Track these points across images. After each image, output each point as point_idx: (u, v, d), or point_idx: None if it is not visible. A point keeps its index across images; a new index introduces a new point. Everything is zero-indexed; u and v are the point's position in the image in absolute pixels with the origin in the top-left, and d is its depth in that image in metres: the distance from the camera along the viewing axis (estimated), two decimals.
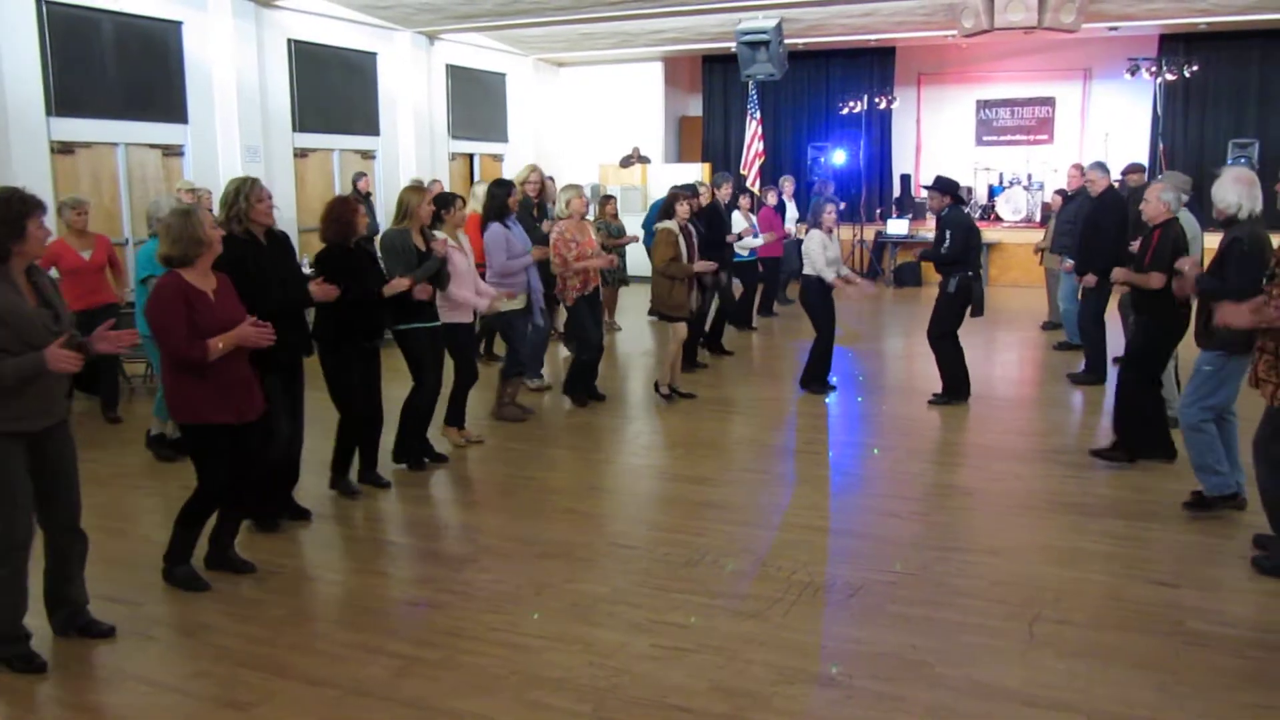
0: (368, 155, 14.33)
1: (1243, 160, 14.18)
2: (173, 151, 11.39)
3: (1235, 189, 5.17)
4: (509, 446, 7.17)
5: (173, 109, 11.31)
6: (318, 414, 6.05)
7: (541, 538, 5.40)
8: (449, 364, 6.69)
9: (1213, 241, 5.74)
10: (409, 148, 14.77)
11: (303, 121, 12.98)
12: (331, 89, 13.54)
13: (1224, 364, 5.15)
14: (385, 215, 12.51)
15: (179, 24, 11.25)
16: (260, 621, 4.39)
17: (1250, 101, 16.07)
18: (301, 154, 13.08)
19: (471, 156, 16.67)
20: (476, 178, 16.26)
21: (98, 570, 4.45)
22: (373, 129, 14.37)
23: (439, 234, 6.54)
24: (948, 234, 7.84)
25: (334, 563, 5.20)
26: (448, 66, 15.68)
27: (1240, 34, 15.24)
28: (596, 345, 8.17)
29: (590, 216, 8.94)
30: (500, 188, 7.48)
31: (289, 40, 12.68)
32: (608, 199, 11.40)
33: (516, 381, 7.82)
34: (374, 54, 14.26)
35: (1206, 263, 5.58)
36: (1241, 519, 5.38)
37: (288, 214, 11.82)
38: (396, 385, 6.58)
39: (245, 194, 5.03)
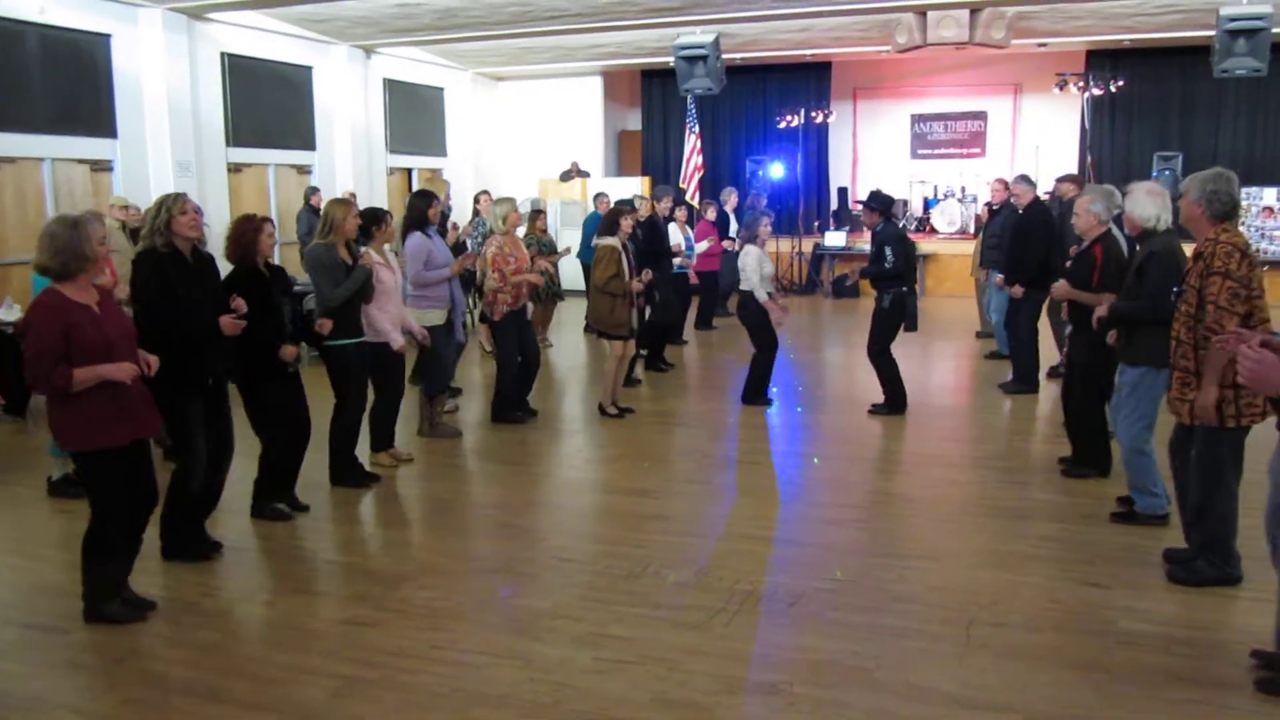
0: (304, 170, 14.17)
1: (1167, 173, 14.62)
2: (101, 167, 11.15)
3: (1151, 201, 5.30)
4: (444, 464, 7.11)
5: (101, 123, 11.08)
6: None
7: (480, 554, 5.36)
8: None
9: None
10: (346, 162, 14.62)
11: (237, 136, 12.80)
12: (266, 103, 13.37)
13: (1153, 380, 5.21)
14: None
15: (107, 37, 11.03)
16: (192, 646, 4.30)
17: (1173, 115, 16.57)
18: (236, 169, 12.90)
19: (410, 171, 16.56)
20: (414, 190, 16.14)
21: (23, 598, 4.33)
22: (309, 144, 14.22)
23: (368, 250, 6.46)
24: (887, 250, 7.92)
25: (267, 585, 5.09)
26: (385, 80, 15.57)
27: (1163, 50, 15.71)
28: (528, 361, 8.04)
29: (520, 232, 8.87)
30: (421, 199, 7.45)
31: (222, 54, 12.51)
32: (538, 214, 11.36)
33: (442, 399, 7.70)
34: (310, 68, 14.12)
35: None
36: (1168, 528, 5.49)
37: (221, 230, 11.62)
38: (320, 404, 6.49)
39: (168, 206, 4.88)
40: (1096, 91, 15.72)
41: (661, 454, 7.37)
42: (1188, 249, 4.82)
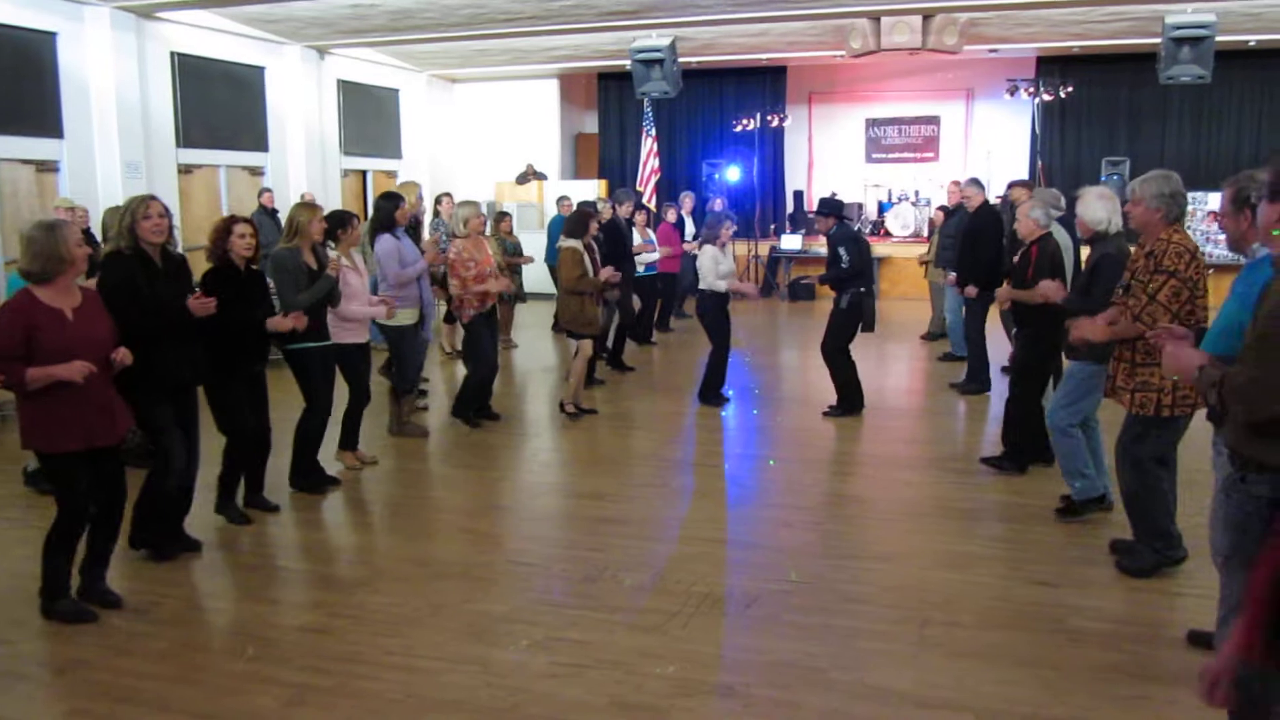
0: (256, 172, 14.01)
1: (1115, 177, 14.88)
2: (47, 167, 10.93)
3: (1102, 205, 5.41)
4: (404, 467, 7.07)
5: (47, 123, 10.87)
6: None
7: (438, 558, 5.33)
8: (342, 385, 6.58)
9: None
10: (299, 164, 14.47)
11: (187, 137, 12.63)
12: (218, 103, 13.20)
13: (1092, 372, 5.35)
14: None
15: (53, 35, 10.83)
16: (141, 655, 4.23)
17: (1121, 121, 16.89)
18: (186, 170, 12.72)
19: (365, 173, 16.43)
20: (369, 195, 16.05)
21: None
22: (261, 145, 14.05)
23: (333, 253, 6.44)
24: (842, 251, 8.02)
25: (221, 591, 5.04)
26: (339, 82, 15.44)
27: (1111, 57, 16.00)
28: (492, 365, 8.09)
29: (486, 233, 8.86)
30: (388, 200, 7.44)
31: (172, 53, 12.33)
32: (503, 216, 11.35)
33: (411, 398, 7.70)
34: (262, 68, 13.96)
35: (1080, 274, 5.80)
36: (1111, 519, 5.61)
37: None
38: (287, 408, 6.44)
39: (133, 210, 4.88)
40: (1046, 97, 15.96)
41: (619, 457, 7.39)
42: (1133, 249, 4.93)
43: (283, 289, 6.03)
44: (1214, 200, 13.97)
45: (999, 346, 9.22)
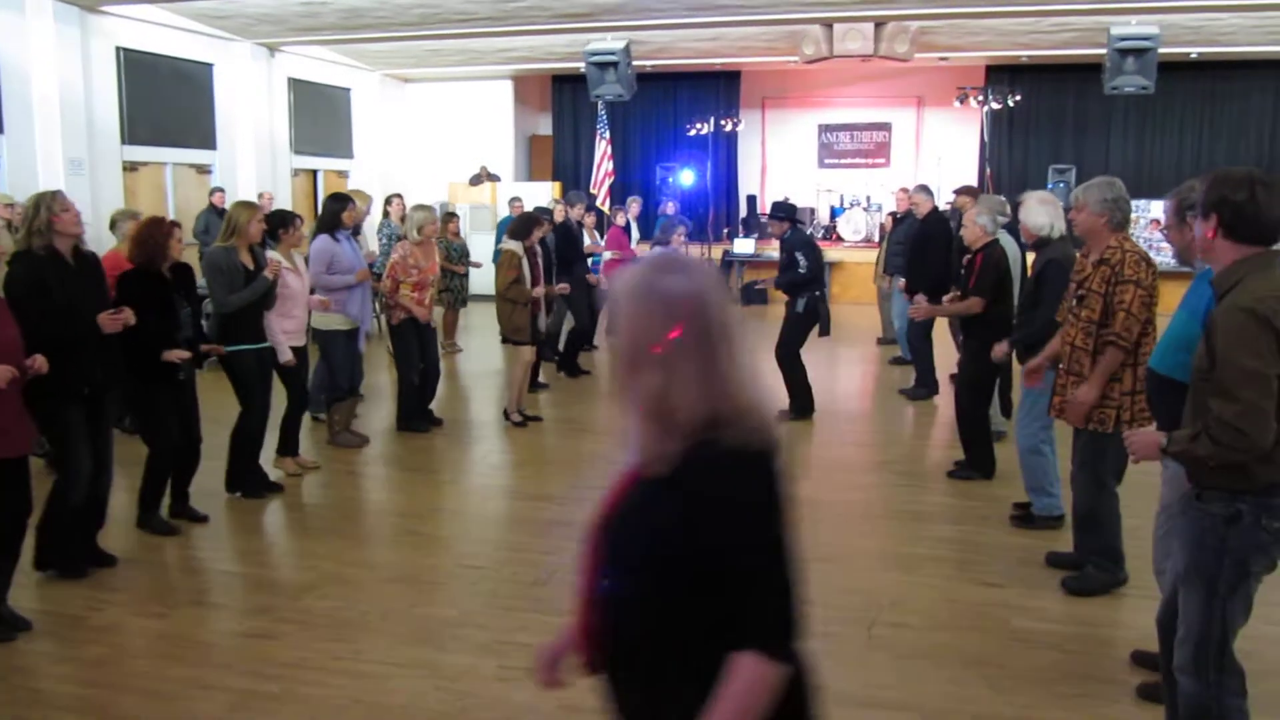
0: (204, 170, 13.81)
1: (1061, 185, 15.14)
2: None
3: (1043, 210, 5.44)
4: (349, 471, 6.98)
5: None
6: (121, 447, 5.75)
7: (385, 562, 5.28)
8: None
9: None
10: (249, 162, 14.29)
11: (133, 133, 12.41)
12: (164, 100, 12.99)
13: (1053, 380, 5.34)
14: None
15: None
16: (80, 662, 4.15)
17: (1067, 130, 17.21)
18: (131, 167, 12.50)
19: (315, 173, 16.26)
20: (320, 195, 15.89)
21: None
22: (209, 143, 13.86)
23: (273, 254, 6.32)
24: (799, 255, 8.04)
25: (161, 597, 4.91)
26: (290, 80, 15.27)
27: (1058, 67, 16.29)
28: (424, 371, 7.86)
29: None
30: (336, 202, 7.30)
31: (117, 48, 12.12)
32: (450, 217, 11.23)
33: (344, 406, 7.45)
34: (210, 65, 13.77)
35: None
36: (1061, 531, 5.66)
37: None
38: (223, 409, 6.34)
39: (47, 204, 4.70)
40: (995, 106, 16.21)
41: (569, 460, 7.37)
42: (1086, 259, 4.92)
43: (215, 289, 5.90)
44: (1156, 209, 14.26)
45: (947, 351, 9.32)
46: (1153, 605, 4.05)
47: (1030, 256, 5.86)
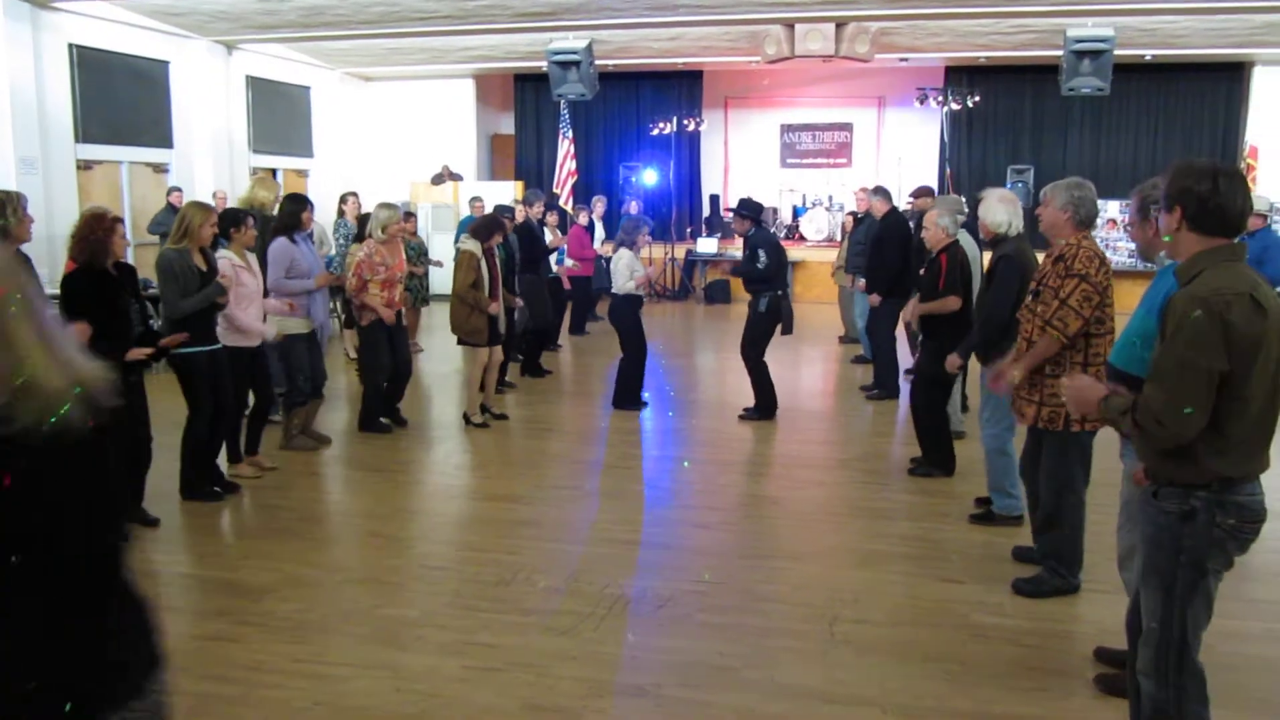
0: (160, 168, 13.63)
1: (1019, 184, 15.33)
2: None
3: (1002, 208, 5.52)
4: (309, 473, 6.93)
5: None
6: None
7: (347, 564, 5.25)
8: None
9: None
10: (206, 161, 14.13)
11: (86, 132, 12.23)
12: (119, 98, 12.81)
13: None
14: None
15: None
16: None
17: (1025, 130, 17.43)
18: (86, 166, 12.31)
19: (275, 171, 16.09)
20: (281, 194, 15.71)
21: None
22: (165, 141, 13.68)
23: (228, 253, 6.24)
24: (760, 252, 8.08)
25: None
26: (248, 78, 15.11)
27: (1016, 68, 16.50)
28: (399, 371, 7.84)
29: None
30: (294, 203, 7.22)
31: (70, 45, 11.93)
32: (408, 216, 11.15)
33: (302, 410, 7.36)
34: (166, 62, 13.60)
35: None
36: (1022, 529, 5.73)
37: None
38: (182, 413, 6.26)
39: (13, 208, 4.63)
40: (955, 106, 16.40)
41: (532, 460, 7.35)
42: (1040, 255, 4.95)
43: (166, 292, 5.81)
44: (1113, 208, 14.50)
45: (905, 350, 9.43)
46: (1112, 601, 4.14)
47: (988, 255, 5.93)
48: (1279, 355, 2.75)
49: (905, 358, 9.49)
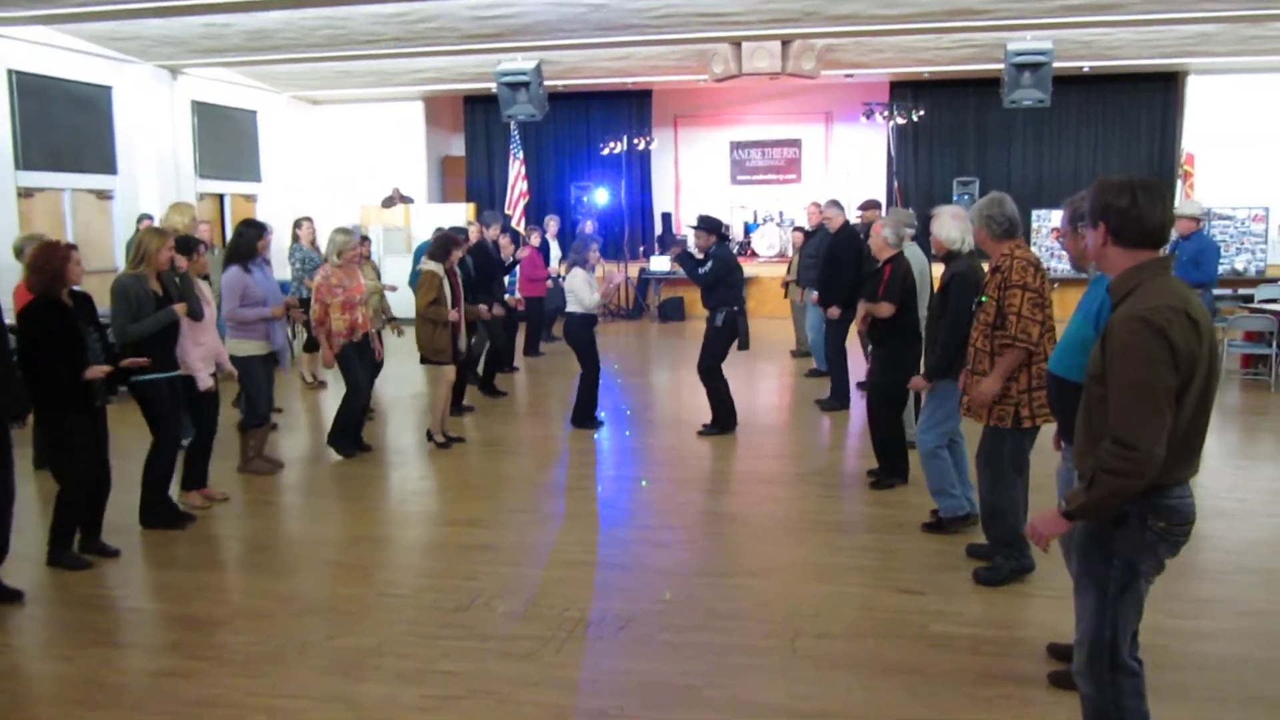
0: (104, 195, 13.41)
1: (965, 197, 15.54)
2: None
3: (955, 225, 5.61)
4: (264, 500, 6.82)
5: None
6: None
7: (302, 593, 5.16)
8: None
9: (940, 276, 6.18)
10: (151, 187, 13.91)
11: (27, 159, 12.00)
12: (61, 124, 12.60)
13: (953, 390, 5.46)
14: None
15: None
16: None
17: (970, 143, 17.66)
18: (26, 194, 12.07)
19: (222, 197, 15.90)
20: (228, 219, 15.55)
21: None
22: (109, 167, 13.47)
23: (204, 286, 6.20)
24: (711, 262, 8.17)
25: (65, 638, 4.72)
26: (193, 102, 14.93)
27: (959, 82, 16.73)
28: (366, 392, 7.83)
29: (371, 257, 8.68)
30: (249, 228, 7.15)
31: (9, 70, 11.72)
32: (362, 240, 11.08)
33: (260, 433, 7.30)
34: (108, 87, 13.41)
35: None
36: (974, 529, 5.80)
37: (7, 259, 10.87)
38: (137, 443, 6.14)
39: None
40: (900, 120, 16.60)
41: (490, 483, 7.30)
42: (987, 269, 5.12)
43: (116, 317, 5.73)
44: (1057, 217, 14.74)
45: (859, 363, 9.48)
46: (1066, 603, 4.17)
47: (938, 269, 6.03)
48: (1207, 367, 2.80)
49: (857, 369, 9.55)
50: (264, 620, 4.79)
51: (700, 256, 8.37)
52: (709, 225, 8.33)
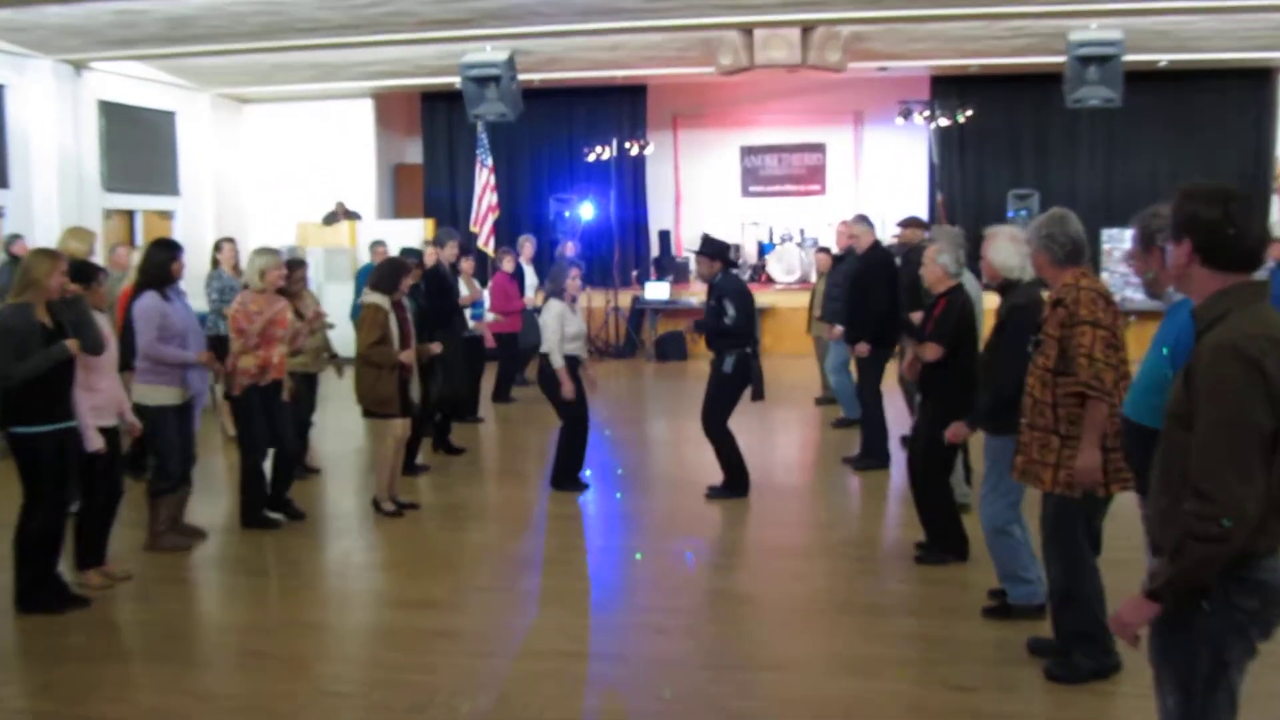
0: None
1: (1024, 212, 15.59)
2: None
3: (1014, 249, 5.53)
4: (175, 579, 6.76)
5: None
6: None
7: (223, 692, 5.11)
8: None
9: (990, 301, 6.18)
10: (50, 201, 14.00)
11: None
12: None
13: (1011, 449, 5.33)
14: None
15: None
16: None
17: (1027, 149, 17.75)
18: None
19: (133, 214, 15.96)
20: (139, 239, 15.57)
21: None
22: (0, 180, 13.52)
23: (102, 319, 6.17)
24: (727, 303, 8.04)
25: None
26: (100, 103, 15.04)
27: (1013, 78, 16.82)
28: (279, 452, 7.71)
29: (309, 285, 8.65)
30: (162, 250, 7.14)
31: None
32: (298, 265, 11.04)
33: (173, 500, 7.18)
34: (1, 86, 13.48)
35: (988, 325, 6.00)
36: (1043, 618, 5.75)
37: None
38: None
39: None
40: (943, 122, 16.69)
41: (452, 556, 7.26)
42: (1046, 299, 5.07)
43: (2, 355, 5.70)
44: (1130, 238, 14.84)
45: (899, 412, 9.47)
46: (1149, 704, 4.11)
47: (989, 297, 5.99)
48: None
49: (898, 419, 9.53)
50: None
51: (706, 297, 8.30)
52: (713, 250, 8.31)
